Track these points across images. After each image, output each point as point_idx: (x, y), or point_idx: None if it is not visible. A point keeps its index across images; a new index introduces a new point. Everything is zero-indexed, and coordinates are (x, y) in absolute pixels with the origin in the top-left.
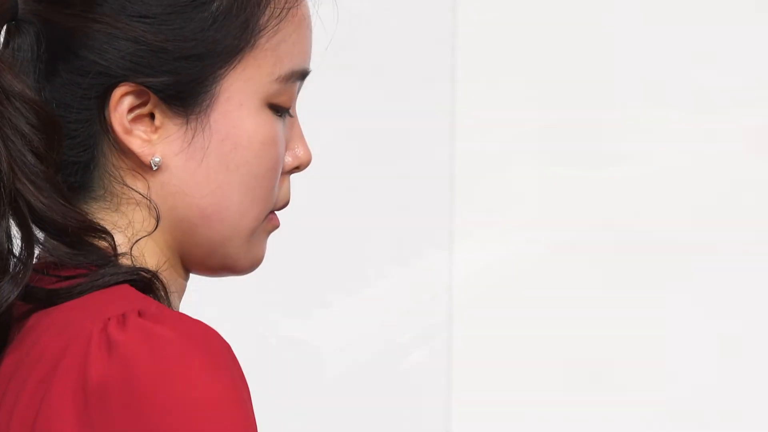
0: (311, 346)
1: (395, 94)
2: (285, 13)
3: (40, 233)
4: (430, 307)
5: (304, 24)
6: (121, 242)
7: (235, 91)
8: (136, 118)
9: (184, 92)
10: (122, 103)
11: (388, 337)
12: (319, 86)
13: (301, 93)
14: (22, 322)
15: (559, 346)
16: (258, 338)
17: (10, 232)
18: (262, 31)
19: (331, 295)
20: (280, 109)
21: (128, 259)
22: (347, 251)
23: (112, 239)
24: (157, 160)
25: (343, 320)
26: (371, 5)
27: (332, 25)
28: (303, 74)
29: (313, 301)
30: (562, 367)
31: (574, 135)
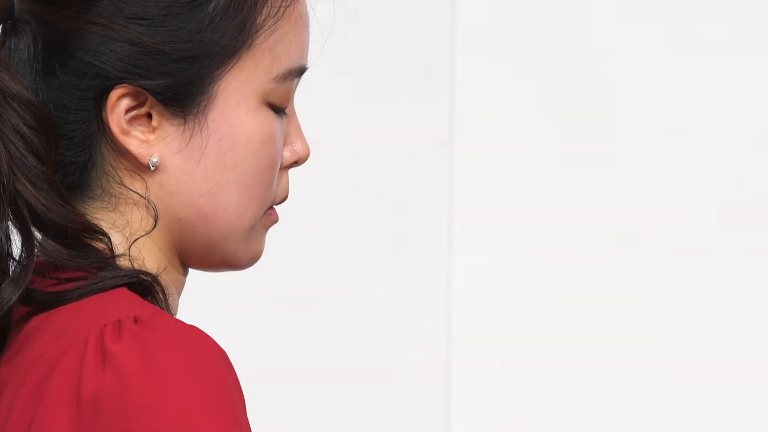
0: (310, 346)
1: (394, 94)
2: (282, 12)
3: (37, 234)
4: (430, 307)
5: (301, 21)
6: (120, 242)
7: (233, 91)
8: (134, 119)
9: (182, 93)
10: (119, 105)
11: (388, 337)
12: (319, 86)
13: (300, 92)
14: (20, 325)
15: (559, 346)
16: (257, 338)
17: (9, 234)
18: (259, 31)
19: (331, 295)
20: (278, 107)
21: (126, 259)
22: (347, 251)
23: (110, 240)
24: (155, 160)
25: (343, 320)
26: (371, 5)
27: (332, 25)
28: (300, 71)
29: (313, 301)
30: (562, 367)
31: (574, 135)
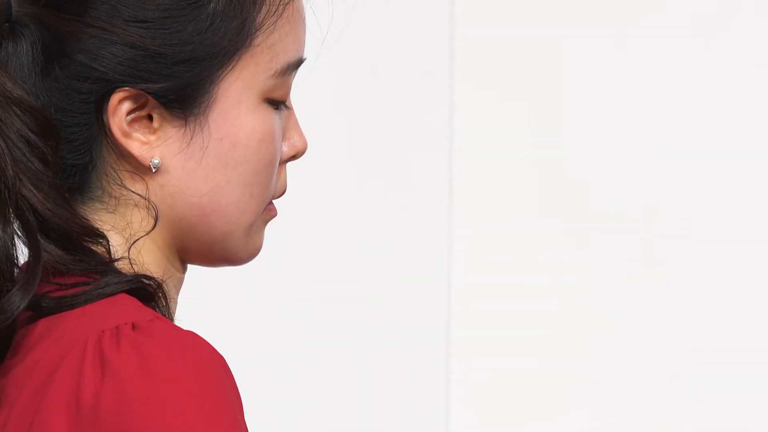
0: (310, 346)
1: (394, 94)
2: (281, 10)
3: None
4: (430, 307)
5: (297, 15)
6: (119, 243)
7: (234, 91)
8: (134, 121)
9: (183, 96)
10: (121, 108)
11: (388, 337)
12: (318, 86)
13: (299, 92)
14: (22, 329)
15: (559, 346)
16: (256, 338)
17: (14, 239)
18: (259, 31)
19: (330, 295)
20: (277, 102)
21: (126, 262)
22: (347, 251)
23: (108, 244)
24: (157, 162)
25: (343, 320)
26: (371, 5)
27: (332, 25)
28: (298, 64)
29: (312, 301)
30: (562, 367)
31: (574, 135)
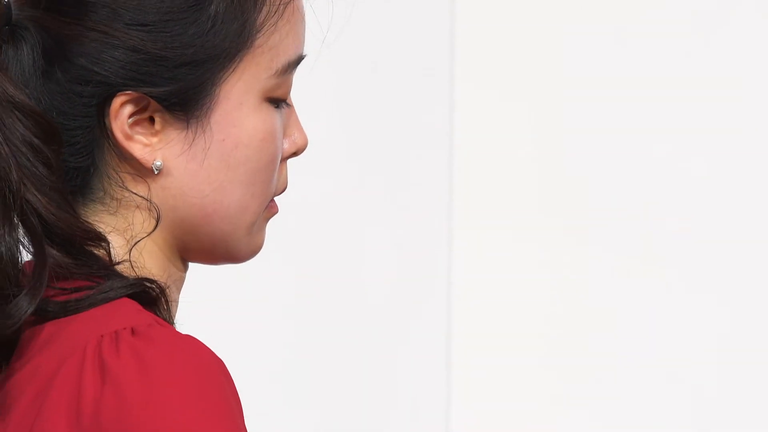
0: (310, 345)
1: (394, 94)
2: (282, 9)
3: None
4: (430, 307)
5: (297, 14)
6: (120, 245)
7: (235, 92)
8: (136, 123)
9: (185, 98)
10: (122, 111)
11: (388, 337)
12: (319, 84)
13: (300, 91)
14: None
15: (559, 345)
16: (256, 337)
17: (19, 244)
18: (259, 32)
19: (330, 295)
20: (278, 101)
21: (127, 264)
22: (347, 251)
23: (108, 247)
24: (159, 164)
25: (343, 319)
26: (371, 4)
27: (332, 24)
28: (298, 61)
29: (312, 300)
30: (562, 366)
31: (574, 134)
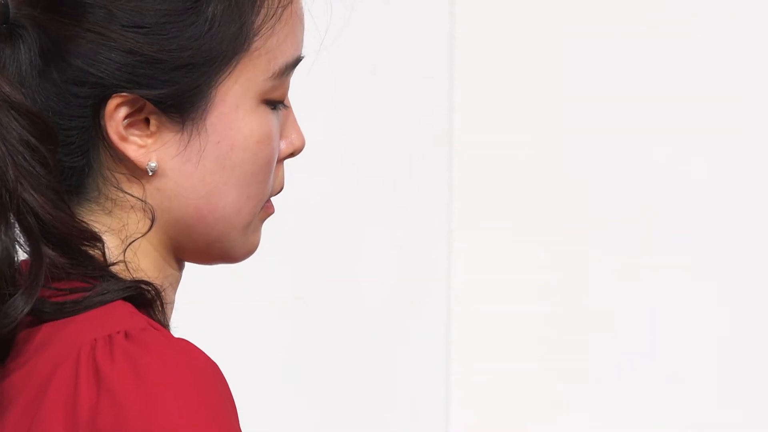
0: (310, 346)
1: (394, 94)
2: (280, 13)
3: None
4: (430, 307)
5: (295, 16)
6: (115, 245)
7: (232, 95)
8: (131, 124)
9: (181, 101)
10: (118, 113)
11: (388, 337)
12: (318, 86)
13: (299, 92)
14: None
15: (559, 346)
16: (256, 338)
17: (15, 242)
18: (257, 35)
19: (330, 295)
20: (275, 102)
21: (122, 265)
22: (346, 251)
23: (102, 247)
24: (153, 165)
25: (342, 319)
26: (371, 4)
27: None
28: (296, 63)
29: (312, 301)
30: (562, 367)
31: (574, 135)
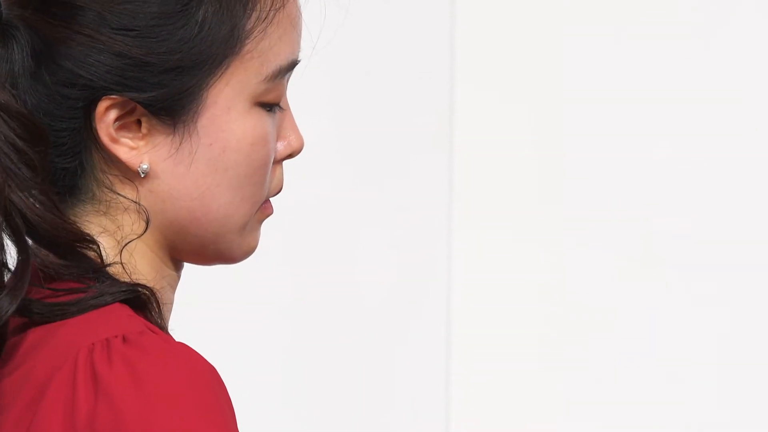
0: (309, 346)
1: (394, 93)
2: (272, 16)
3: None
4: (430, 307)
5: (289, 20)
6: (111, 246)
7: (223, 97)
8: (122, 127)
9: (172, 104)
10: (108, 115)
11: (388, 337)
12: (317, 85)
13: (298, 92)
14: (14, 337)
15: (559, 346)
16: (255, 338)
17: (3, 243)
18: (248, 37)
19: (330, 295)
20: (270, 105)
21: (118, 265)
22: (346, 251)
23: (98, 249)
24: (145, 167)
25: (342, 320)
26: (371, 4)
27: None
28: (291, 67)
29: (312, 301)
30: (562, 367)
31: (574, 135)
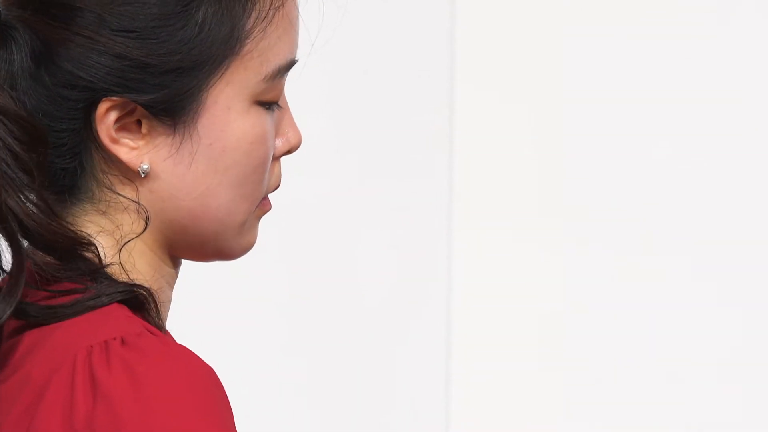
0: (309, 346)
1: (394, 94)
2: (271, 15)
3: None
4: (430, 307)
5: (288, 19)
6: (110, 245)
7: (223, 97)
8: (122, 127)
9: (172, 105)
10: (108, 116)
11: (387, 337)
12: (318, 84)
13: (298, 91)
14: (10, 339)
15: (559, 346)
16: (255, 338)
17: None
18: (248, 37)
19: (330, 295)
20: (269, 103)
21: (117, 265)
22: (346, 251)
23: (97, 250)
24: (145, 167)
25: (342, 320)
26: (371, 4)
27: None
28: (289, 66)
29: (312, 301)
30: (561, 367)
31: (574, 135)
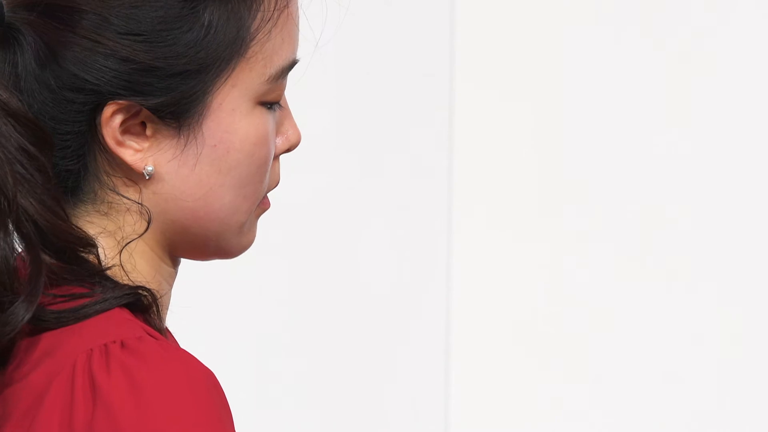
0: (310, 345)
1: (394, 94)
2: (276, 16)
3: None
4: (429, 307)
5: (292, 20)
6: (111, 246)
7: (228, 99)
8: (127, 129)
9: (178, 108)
10: (114, 119)
11: (387, 336)
12: (319, 84)
13: (301, 92)
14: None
15: (559, 346)
16: (255, 337)
17: (14, 248)
18: (253, 39)
19: (330, 294)
20: (271, 103)
21: (117, 267)
22: (346, 250)
23: (97, 251)
24: (150, 169)
25: (342, 319)
26: (372, 5)
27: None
28: (291, 66)
29: (312, 300)
30: (561, 367)
31: (574, 135)
